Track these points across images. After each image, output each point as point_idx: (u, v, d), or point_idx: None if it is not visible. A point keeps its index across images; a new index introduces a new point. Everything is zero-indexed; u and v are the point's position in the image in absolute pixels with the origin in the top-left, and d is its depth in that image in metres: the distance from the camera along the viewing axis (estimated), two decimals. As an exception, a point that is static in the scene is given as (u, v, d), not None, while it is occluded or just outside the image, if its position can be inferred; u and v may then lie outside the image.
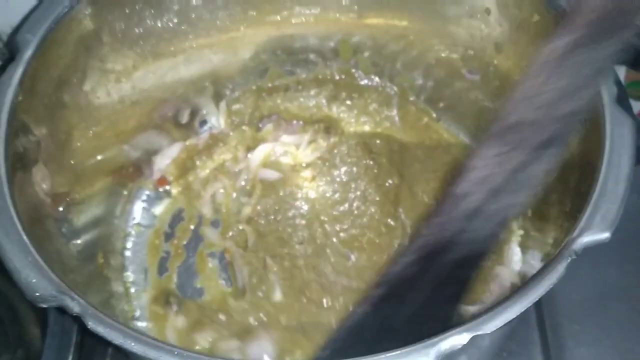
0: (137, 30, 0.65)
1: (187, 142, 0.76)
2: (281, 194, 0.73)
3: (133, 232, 0.72)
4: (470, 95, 0.72)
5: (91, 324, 0.41)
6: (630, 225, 0.65)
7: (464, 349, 0.40)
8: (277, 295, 0.66)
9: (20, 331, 0.69)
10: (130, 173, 0.72)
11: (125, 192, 0.72)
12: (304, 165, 0.76)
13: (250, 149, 0.76)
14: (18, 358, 0.67)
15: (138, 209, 0.74)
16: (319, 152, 0.76)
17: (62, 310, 0.42)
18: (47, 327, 0.62)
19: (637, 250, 0.68)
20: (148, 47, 0.67)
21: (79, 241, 0.59)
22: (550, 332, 0.65)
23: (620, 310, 0.66)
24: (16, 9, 0.68)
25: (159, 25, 0.66)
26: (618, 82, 0.51)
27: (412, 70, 0.75)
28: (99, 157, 0.65)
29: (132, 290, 0.69)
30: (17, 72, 0.53)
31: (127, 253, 0.71)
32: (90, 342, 0.63)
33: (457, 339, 0.40)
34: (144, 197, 0.74)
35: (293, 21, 0.72)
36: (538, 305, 0.65)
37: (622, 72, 0.84)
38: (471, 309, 0.59)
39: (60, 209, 0.57)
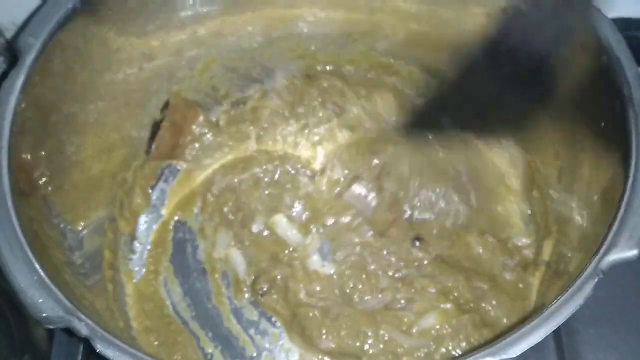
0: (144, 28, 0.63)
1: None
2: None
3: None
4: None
5: (100, 348, 0.40)
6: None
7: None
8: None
9: (27, 333, 0.68)
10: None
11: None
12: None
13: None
14: (25, 364, 0.66)
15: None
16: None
17: (70, 332, 0.41)
18: (55, 330, 0.61)
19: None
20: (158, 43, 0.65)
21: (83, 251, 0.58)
22: (565, 337, 0.63)
23: (638, 315, 0.65)
24: (18, 5, 0.66)
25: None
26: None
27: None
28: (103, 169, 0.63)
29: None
30: (19, 79, 0.51)
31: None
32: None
33: (480, 364, 0.38)
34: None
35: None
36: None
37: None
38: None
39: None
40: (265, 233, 0.71)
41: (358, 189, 0.72)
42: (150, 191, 0.72)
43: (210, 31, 0.68)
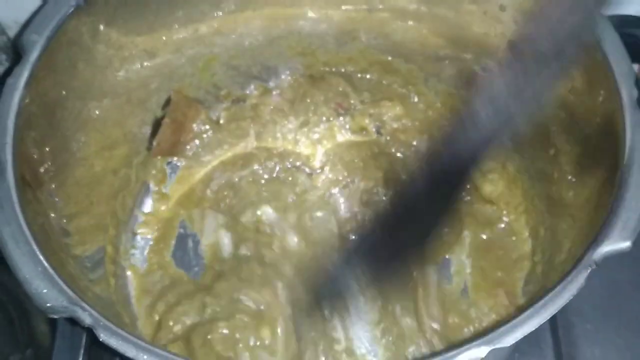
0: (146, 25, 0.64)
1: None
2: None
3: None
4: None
5: (103, 336, 0.41)
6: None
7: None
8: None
9: (29, 329, 0.68)
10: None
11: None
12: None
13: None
14: (27, 358, 0.67)
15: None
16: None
17: (73, 321, 0.42)
18: (57, 324, 0.61)
19: (651, 249, 0.67)
20: (159, 40, 0.66)
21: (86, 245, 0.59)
22: (562, 331, 0.64)
23: (635, 310, 0.65)
24: (21, 4, 0.67)
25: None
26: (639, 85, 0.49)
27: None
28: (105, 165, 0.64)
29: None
30: (23, 75, 0.51)
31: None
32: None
33: (475, 353, 0.39)
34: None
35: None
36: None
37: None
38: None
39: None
40: (253, 220, 0.72)
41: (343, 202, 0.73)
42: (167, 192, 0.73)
43: (211, 29, 0.69)
